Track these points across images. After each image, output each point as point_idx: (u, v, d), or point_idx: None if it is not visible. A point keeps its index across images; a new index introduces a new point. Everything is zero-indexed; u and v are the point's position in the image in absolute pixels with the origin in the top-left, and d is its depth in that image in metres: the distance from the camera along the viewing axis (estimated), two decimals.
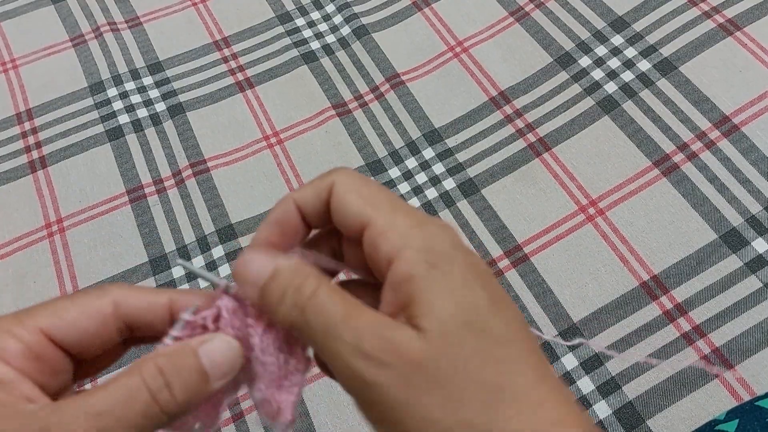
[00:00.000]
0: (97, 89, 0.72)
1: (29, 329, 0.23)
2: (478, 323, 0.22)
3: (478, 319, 0.22)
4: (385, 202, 0.24)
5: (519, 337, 0.22)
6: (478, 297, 0.22)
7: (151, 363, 0.23)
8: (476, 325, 0.22)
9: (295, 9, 0.77)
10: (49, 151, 0.68)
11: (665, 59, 0.64)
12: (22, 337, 0.23)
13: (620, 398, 0.50)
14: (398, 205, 0.24)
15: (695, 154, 0.59)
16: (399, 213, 0.24)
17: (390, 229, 0.23)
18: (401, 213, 0.24)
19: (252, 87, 0.71)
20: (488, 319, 0.22)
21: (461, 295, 0.22)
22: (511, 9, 0.72)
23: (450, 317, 0.22)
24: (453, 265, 0.23)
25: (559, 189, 0.60)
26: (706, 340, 0.52)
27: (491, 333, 0.22)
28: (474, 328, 0.22)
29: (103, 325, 0.25)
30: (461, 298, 0.22)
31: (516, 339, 0.22)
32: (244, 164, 0.66)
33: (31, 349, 0.23)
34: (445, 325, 0.22)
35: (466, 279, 0.23)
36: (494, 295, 0.23)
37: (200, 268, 0.26)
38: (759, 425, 0.38)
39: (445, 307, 0.22)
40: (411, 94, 0.68)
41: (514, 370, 0.22)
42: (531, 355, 0.22)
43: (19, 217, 0.64)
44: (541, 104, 0.65)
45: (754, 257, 0.54)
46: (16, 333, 0.23)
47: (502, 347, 0.22)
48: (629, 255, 0.56)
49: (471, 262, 0.23)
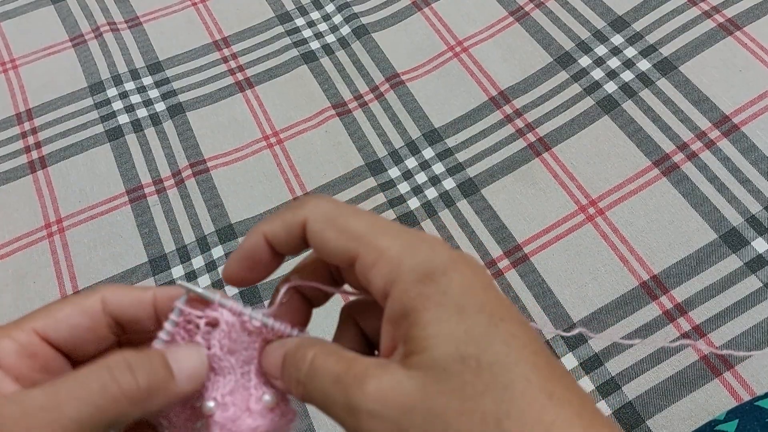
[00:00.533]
0: (96, 89, 0.72)
1: (24, 330, 0.24)
2: (474, 354, 0.21)
3: (474, 350, 0.21)
4: (368, 230, 0.24)
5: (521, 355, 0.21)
6: (474, 323, 0.22)
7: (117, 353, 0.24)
8: (472, 357, 0.21)
9: (295, 9, 0.77)
10: (49, 151, 0.68)
11: (665, 59, 0.64)
12: (16, 338, 0.24)
13: (620, 398, 0.50)
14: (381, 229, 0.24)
15: (695, 154, 0.59)
16: (383, 239, 0.23)
17: (379, 261, 0.23)
18: (386, 239, 0.23)
19: (252, 87, 0.71)
20: (484, 346, 0.21)
21: (455, 326, 0.21)
22: (511, 9, 0.72)
23: (444, 354, 0.21)
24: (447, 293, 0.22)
25: (558, 189, 0.60)
26: (705, 340, 0.52)
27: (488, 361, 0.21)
28: (470, 361, 0.21)
29: (93, 321, 0.25)
30: (455, 329, 0.21)
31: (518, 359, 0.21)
32: (244, 164, 0.66)
33: (25, 348, 0.24)
34: (438, 362, 0.21)
35: (461, 305, 0.22)
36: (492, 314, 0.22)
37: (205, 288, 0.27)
38: (759, 425, 0.38)
39: (439, 343, 0.21)
40: (411, 94, 0.68)
41: (516, 395, 0.21)
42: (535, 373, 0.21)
43: (19, 217, 0.64)
44: (541, 104, 0.65)
45: (754, 257, 0.54)
46: (11, 334, 0.24)
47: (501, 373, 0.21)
48: (629, 255, 0.56)
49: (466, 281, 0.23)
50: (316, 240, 0.24)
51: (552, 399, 0.21)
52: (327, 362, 0.23)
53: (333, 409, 0.22)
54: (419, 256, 0.23)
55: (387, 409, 0.21)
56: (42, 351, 0.25)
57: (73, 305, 0.25)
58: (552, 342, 0.53)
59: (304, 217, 0.25)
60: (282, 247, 0.26)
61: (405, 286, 0.22)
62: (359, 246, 0.23)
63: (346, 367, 0.22)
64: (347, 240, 0.24)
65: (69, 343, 0.25)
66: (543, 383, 0.21)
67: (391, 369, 0.22)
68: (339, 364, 0.23)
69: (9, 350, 0.24)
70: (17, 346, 0.24)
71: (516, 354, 0.21)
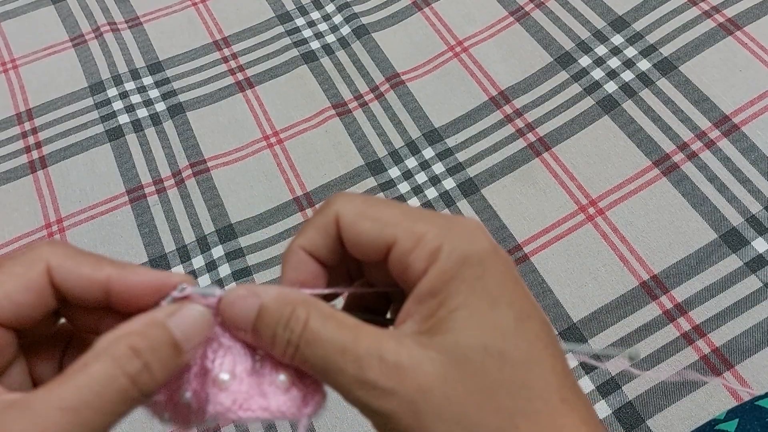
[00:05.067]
0: (97, 89, 0.72)
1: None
2: (498, 347, 0.21)
3: (499, 343, 0.21)
4: (402, 217, 0.23)
5: (543, 356, 0.21)
6: (503, 316, 0.21)
7: (122, 344, 0.21)
8: (496, 349, 0.21)
9: (295, 9, 0.77)
10: (49, 151, 0.68)
11: (665, 59, 0.64)
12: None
13: (620, 398, 0.50)
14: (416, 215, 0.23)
15: (695, 154, 0.59)
16: (420, 224, 0.23)
17: (417, 246, 0.22)
18: (423, 224, 0.23)
19: (252, 87, 0.71)
20: (510, 341, 0.21)
21: (485, 315, 0.21)
22: (511, 9, 0.72)
23: (469, 340, 0.21)
24: (482, 279, 0.22)
25: (558, 189, 0.60)
26: (706, 340, 0.52)
27: (511, 356, 0.21)
28: (493, 352, 0.21)
29: (39, 297, 0.23)
30: (484, 318, 0.21)
31: (539, 359, 0.21)
32: (244, 164, 0.66)
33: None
34: (462, 349, 0.21)
35: (493, 295, 0.22)
36: (521, 310, 0.22)
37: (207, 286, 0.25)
38: (759, 425, 0.38)
39: (465, 328, 0.21)
40: (411, 94, 0.68)
41: (533, 395, 0.20)
42: (553, 376, 0.21)
43: (19, 217, 0.64)
44: (541, 104, 0.65)
45: (754, 257, 0.54)
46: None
47: (521, 371, 0.21)
48: (629, 255, 0.56)
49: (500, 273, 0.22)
50: (350, 233, 0.23)
51: (565, 403, 0.21)
52: (327, 328, 0.22)
53: (338, 378, 0.21)
54: (459, 240, 0.22)
55: (404, 387, 0.20)
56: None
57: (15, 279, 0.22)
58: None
59: (336, 214, 0.24)
60: (323, 255, 0.24)
61: (443, 266, 0.22)
62: (397, 232, 0.23)
63: (353, 337, 0.21)
64: (383, 228, 0.23)
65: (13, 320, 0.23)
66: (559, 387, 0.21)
67: (407, 345, 0.21)
68: (342, 332, 0.21)
69: None
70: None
71: (538, 354, 0.21)
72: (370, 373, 0.21)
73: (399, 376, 0.20)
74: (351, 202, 0.24)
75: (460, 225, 0.23)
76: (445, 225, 0.23)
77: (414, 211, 0.23)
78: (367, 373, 0.21)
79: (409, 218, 0.23)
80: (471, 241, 0.22)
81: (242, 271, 0.59)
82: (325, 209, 0.24)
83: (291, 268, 0.24)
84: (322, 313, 0.22)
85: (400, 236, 0.22)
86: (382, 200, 0.24)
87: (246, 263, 0.60)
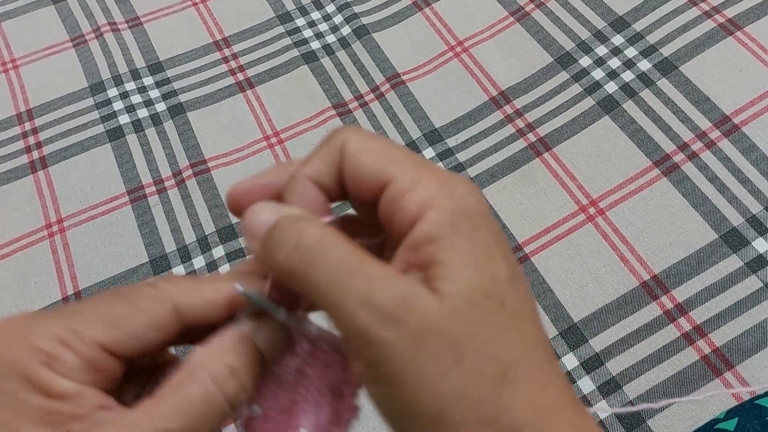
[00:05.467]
0: (97, 89, 0.72)
1: (87, 343, 0.22)
2: (498, 295, 0.21)
3: (498, 291, 0.21)
4: (405, 159, 0.22)
5: (533, 316, 0.22)
6: (500, 269, 0.21)
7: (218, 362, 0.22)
8: (496, 297, 0.21)
9: (296, 9, 0.77)
10: (50, 151, 0.68)
11: (665, 59, 0.64)
12: (79, 351, 0.22)
13: (620, 398, 0.50)
14: (419, 162, 0.23)
15: (695, 154, 0.59)
16: (422, 170, 0.22)
17: (414, 189, 0.22)
18: (424, 170, 0.22)
19: (252, 87, 0.71)
20: (507, 292, 0.21)
21: (484, 264, 0.21)
22: (512, 9, 0.72)
23: (471, 284, 0.20)
24: (478, 231, 0.21)
25: (559, 189, 0.60)
26: (706, 340, 0.52)
27: (509, 307, 0.21)
28: (493, 299, 0.21)
29: (162, 335, 0.23)
30: (484, 266, 0.21)
31: (530, 318, 0.22)
32: (245, 164, 0.66)
33: (90, 363, 0.22)
34: (465, 292, 0.20)
35: (490, 248, 0.21)
36: (513, 269, 0.22)
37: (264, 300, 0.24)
38: (758, 423, 0.38)
39: (467, 273, 0.21)
40: (411, 94, 0.68)
41: (526, 350, 0.21)
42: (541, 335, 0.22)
43: (20, 217, 0.64)
44: (541, 104, 0.65)
45: (754, 257, 0.54)
46: (73, 345, 0.22)
47: (517, 324, 0.21)
48: (629, 255, 0.56)
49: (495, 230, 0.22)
50: (351, 163, 0.23)
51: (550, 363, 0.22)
52: (340, 246, 0.21)
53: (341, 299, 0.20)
54: (458, 192, 0.22)
55: (411, 318, 0.20)
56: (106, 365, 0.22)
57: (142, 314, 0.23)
58: (552, 342, 0.53)
59: (342, 142, 0.23)
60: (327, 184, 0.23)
61: (438, 215, 0.21)
62: (396, 170, 0.22)
63: (367, 261, 0.21)
64: (384, 163, 0.22)
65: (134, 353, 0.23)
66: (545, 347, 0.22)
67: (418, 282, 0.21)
68: (355, 254, 0.21)
69: (74, 367, 0.21)
70: (81, 362, 0.21)
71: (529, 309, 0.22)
72: (379, 297, 0.20)
73: (407, 306, 0.20)
74: (358, 134, 0.23)
75: (458, 180, 0.23)
76: (444, 177, 0.22)
77: (420, 159, 0.23)
78: (375, 294, 0.20)
79: (412, 162, 0.22)
80: (470, 195, 0.22)
81: None
82: (333, 138, 0.23)
83: (295, 195, 0.23)
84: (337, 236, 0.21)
85: (398, 175, 0.22)
86: (390, 140, 0.24)
87: None
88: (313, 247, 0.21)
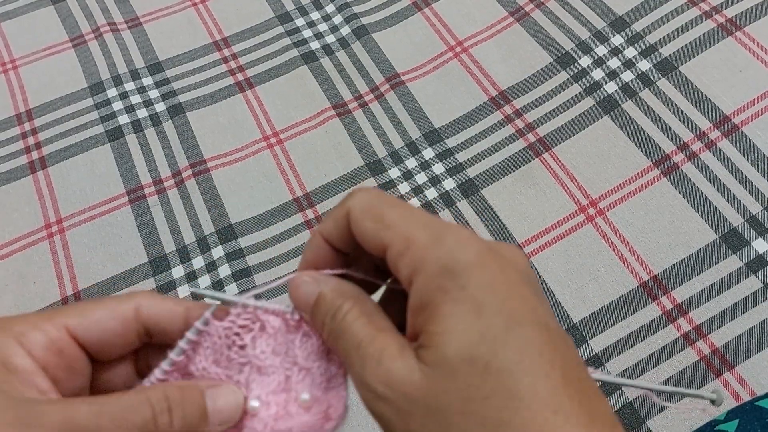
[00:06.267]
0: (96, 90, 0.72)
1: (55, 325, 0.25)
2: (484, 357, 0.21)
3: (484, 353, 0.21)
4: (398, 220, 0.23)
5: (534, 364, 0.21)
6: (490, 325, 0.21)
7: (159, 388, 0.24)
8: (481, 359, 0.20)
9: (295, 9, 0.77)
10: (49, 151, 0.68)
11: (665, 59, 0.64)
12: (47, 332, 0.24)
13: (620, 398, 0.50)
14: (412, 221, 0.23)
15: (695, 154, 0.59)
16: (414, 230, 0.23)
17: (404, 253, 0.23)
18: (416, 229, 0.23)
19: (252, 87, 0.71)
20: (497, 350, 0.21)
21: (471, 325, 0.21)
22: (511, 9, 0.72)
23: (453, 352, 0.21)
24: (466, 289, 0.21)
25: (559, 189, 0.60)
26: (706, 341, 0.52)
27: (498, 366, 0.20)
28: (477, 363, 0.20)
29: (124, 327, 0.26)
30: (470, 329, 0.21)
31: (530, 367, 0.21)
32: (244, 164, 0.66)
33: (55, 344, 0.24)
34: (447, 361, 0.21)
35: (480, 304, 0.21)
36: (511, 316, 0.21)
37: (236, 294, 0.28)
38: (759, 425, 0.38)
39: (450, 341, 0.21)
40: (411, 94, 0.68)
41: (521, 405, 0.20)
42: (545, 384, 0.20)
43: (19, 218, 0.64)
44: (541, 104, 0.65)
45: (754, 257, 0.54)
46: (42, 327, 0.24)
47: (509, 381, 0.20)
48: (629, 255, 0.56)
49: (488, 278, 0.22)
50: (356, 231, 0.25)
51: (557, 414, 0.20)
52: (356, 324, 0.23)
53: (350, 371, 0.23)
54: (444, 249, 0.22)
55: (393, 394, 0.21)
56: (69, 349, 0.25)
57: (107, 308, 0.26)
58: None
59: (348, 209, 0.25)
60: (338, 244, 0.26)
61: (427, 277, 0.22)
62: (390, 235, 0.23)
63: (369, 338, 0.23)
64: (381, 229, 0.24)
65: (96, 344, 0.26)
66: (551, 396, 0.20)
67: (407, 356, 0.22)
68: (364, 331, 0.23)
69: (38, 343, 0.24)
70: (47, 340, 0.24)
71: (528, 362, 0.21)
72: (368, 375, 0.22)
73: (391, 384, 0.21)
74: (362, 199, 0.25)
75: (450, 232, 0.23)
76: (435, 233, 0.23)
77: (416, 215, 0.24)
78: (365, 373, 0.22)
79: (406, 222, 0.23)
80: (456, 250, 0.22)
81: (242, 272, 0.59)
82: (344, 202, 0.25)
83: (309, 250, 0.27)
84: (361, 310, 0.24)
85: (392, 240, 0.23)
86: (390, 200, 0.25)
87: (246, 264, 0.60)
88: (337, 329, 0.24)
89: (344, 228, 0.25)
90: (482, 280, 0.22)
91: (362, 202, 0.25)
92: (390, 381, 0.21)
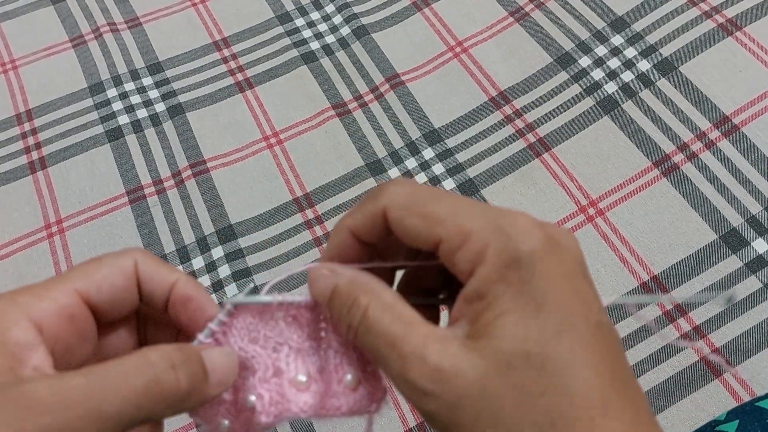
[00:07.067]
0: (96, 90, 0.72)
1: (64, 291, 0.24)
2: (541, 355, 0.21)
3: (540, 350, 0.21)
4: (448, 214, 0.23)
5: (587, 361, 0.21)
6: (548, 322, 0.21)
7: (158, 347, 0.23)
8: (537, 356, 0.21)
9: (295, 9, 0.77)
10: (49, 151, 0.68)
11: (665, 59, 0.64)
12: (56, 299, 0.24)
13: None
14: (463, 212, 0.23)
15: (695, 155, 0.59)
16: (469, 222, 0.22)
17: (463, 247, 0.22)
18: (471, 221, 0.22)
19: (252, 87, 0.71)
20: (553, 348, 0.21)
21: (529, 321, 0.21)
22: (511, 9, 0.72)
23: (512, 347, 0.21)
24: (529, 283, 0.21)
25: (558, 189, 0.60)
26: (706, 341, 0.52)
27: (553, 364, 0.21)
28: (535, 360, 0.20)
29: (129, 281, 0.25)
30: (528, 325, 0.21)
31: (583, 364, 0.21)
32: (244, 165, 0.66)
33: (65, 310, 0.24)
34: (505, 356, 0.21)
35: (539, 300, 0.21)
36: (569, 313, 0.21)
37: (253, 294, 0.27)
38: (759, 426, 0.38)
39: (509, 335, 0.21)
40: (411, 94, 0.68)
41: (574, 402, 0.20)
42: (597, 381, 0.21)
43: (19, 218, 0.64)
44: (540, 104, 0.65)
45: (754, 257, 0.54)
46: (51, 296, 0.24)
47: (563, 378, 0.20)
48: (629, 255, 0.56)
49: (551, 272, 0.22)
50: (398, 228, 0.24)
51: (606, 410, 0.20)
52: (383, 320, 0.22)
53: (386, 369, 0.22)
54: (507, 240, 0.22)
55: (443, 391, 0.21)
56: (80, 313, 0.24)
57: (109, 265, 0.25)
58: None
59: (384, 206, 0.24)
60: (368, 238, 0.25)
61: (489, 268, 0.22)
62: (443, 230, 0.23)
63: (402, 333, 0.22)
64: (430, 225, 0.23)
65: (107, 303, 0.25)
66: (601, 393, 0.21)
67: (452, 348, 0.21)
68: (395, 326, 0.22)
69: (49, 312, 0.23)
70: (57, 307, 0.23)
71: (582, 360, 0.21)
72: (412, 374, 0.21)
73: (439, 381, 0.21)
74: (399, 195, 0.24)
75: (509, 221, 0.22)
76: (493, 221, 0.22)
77: (463, 204, 0.23)
78: (409, 372, 0.21)
79: (456, 214, 0.23)
80: (520, 241, 0.22)
81: (242, 272, 0.59)
82: (375, 198, 0.25)
83: (334, 245, 0.26)
84: (382, 303, 0.23)
85: (446, 235, 0.23)
86: (430, 192, 0.24)
87: (246, 264, 0.60)
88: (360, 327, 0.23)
89: (378, 226, 0.25)
90: (545, 274, 0.22)
91: (401, 198, 0.24)
92: (440, 378, 0.21)
